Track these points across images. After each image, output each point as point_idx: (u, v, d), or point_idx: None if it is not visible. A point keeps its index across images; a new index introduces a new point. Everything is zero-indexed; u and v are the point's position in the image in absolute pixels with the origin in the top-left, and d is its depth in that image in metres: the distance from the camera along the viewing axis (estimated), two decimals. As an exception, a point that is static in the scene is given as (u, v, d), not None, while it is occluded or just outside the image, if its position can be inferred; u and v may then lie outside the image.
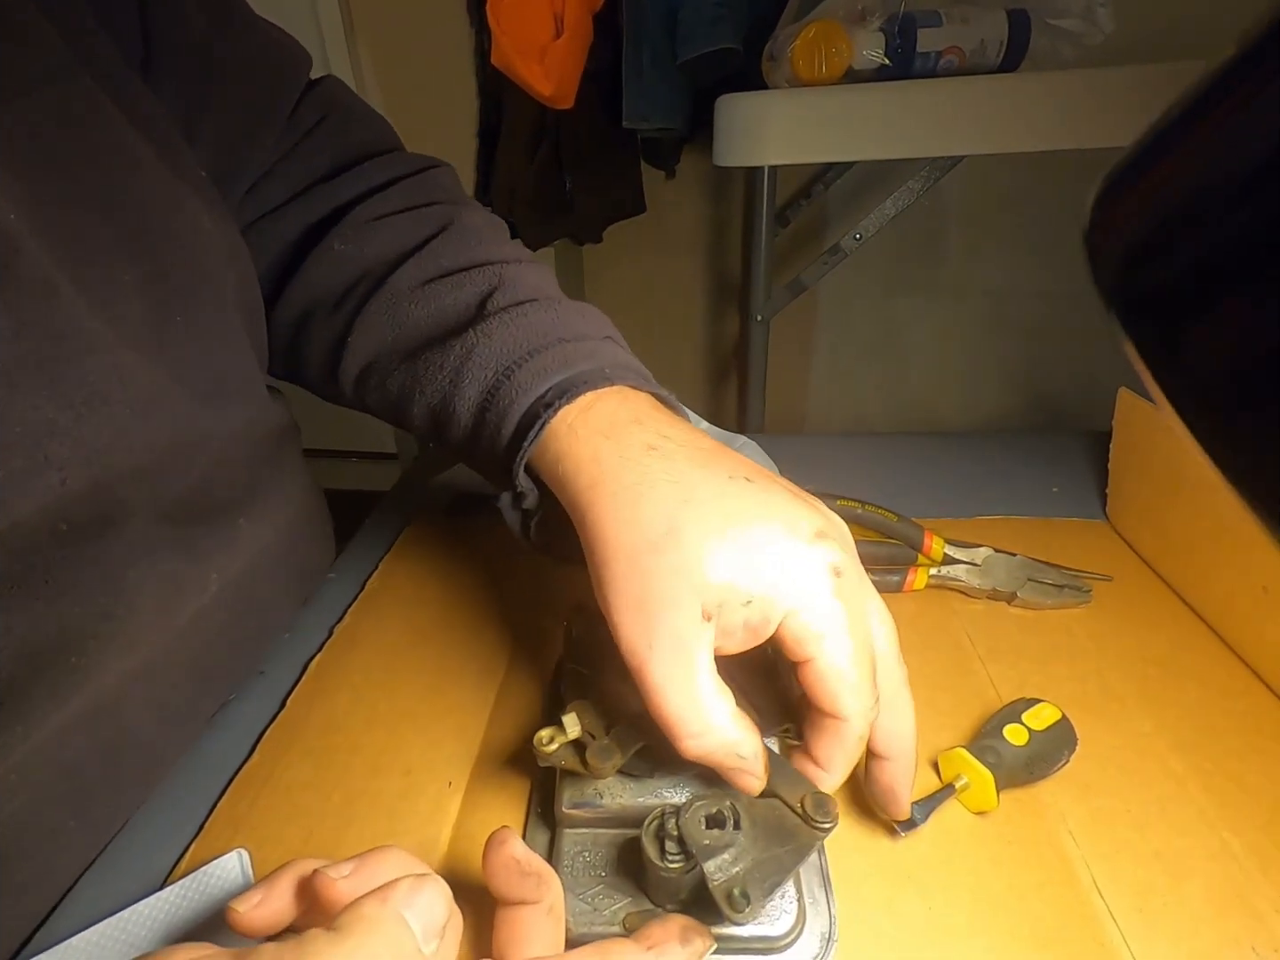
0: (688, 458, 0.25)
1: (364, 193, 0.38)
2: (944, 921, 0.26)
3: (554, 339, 0.30)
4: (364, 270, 0.36)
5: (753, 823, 0.23)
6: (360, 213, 0.37)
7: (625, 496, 0.24)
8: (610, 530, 0.24)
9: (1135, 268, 0.13)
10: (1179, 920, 0.26)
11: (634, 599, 0.23)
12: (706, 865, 0.22)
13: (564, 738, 0.25)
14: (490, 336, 0.30)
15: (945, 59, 0.87)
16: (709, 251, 1.69)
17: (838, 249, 1.00)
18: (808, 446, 0.60)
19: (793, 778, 0.25)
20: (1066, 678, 0.36)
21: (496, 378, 0.30)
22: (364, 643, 0.41)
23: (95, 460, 0.27)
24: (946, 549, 0.42)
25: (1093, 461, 0.52)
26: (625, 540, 0.24)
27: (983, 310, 1.61)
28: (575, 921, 0.25)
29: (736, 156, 0.96)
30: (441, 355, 0.31)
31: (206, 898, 0.27)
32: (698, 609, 0.23)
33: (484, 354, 0.30)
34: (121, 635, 0.29)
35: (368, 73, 1.59)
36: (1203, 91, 0.12)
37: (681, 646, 0.23)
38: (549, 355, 0.29)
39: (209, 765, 0.34)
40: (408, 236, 0.35)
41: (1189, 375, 0.13)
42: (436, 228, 0.36)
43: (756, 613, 0.23)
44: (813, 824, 0.23)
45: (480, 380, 0.30)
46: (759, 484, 0.25)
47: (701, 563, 0.23)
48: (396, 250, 0.35)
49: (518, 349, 0.30)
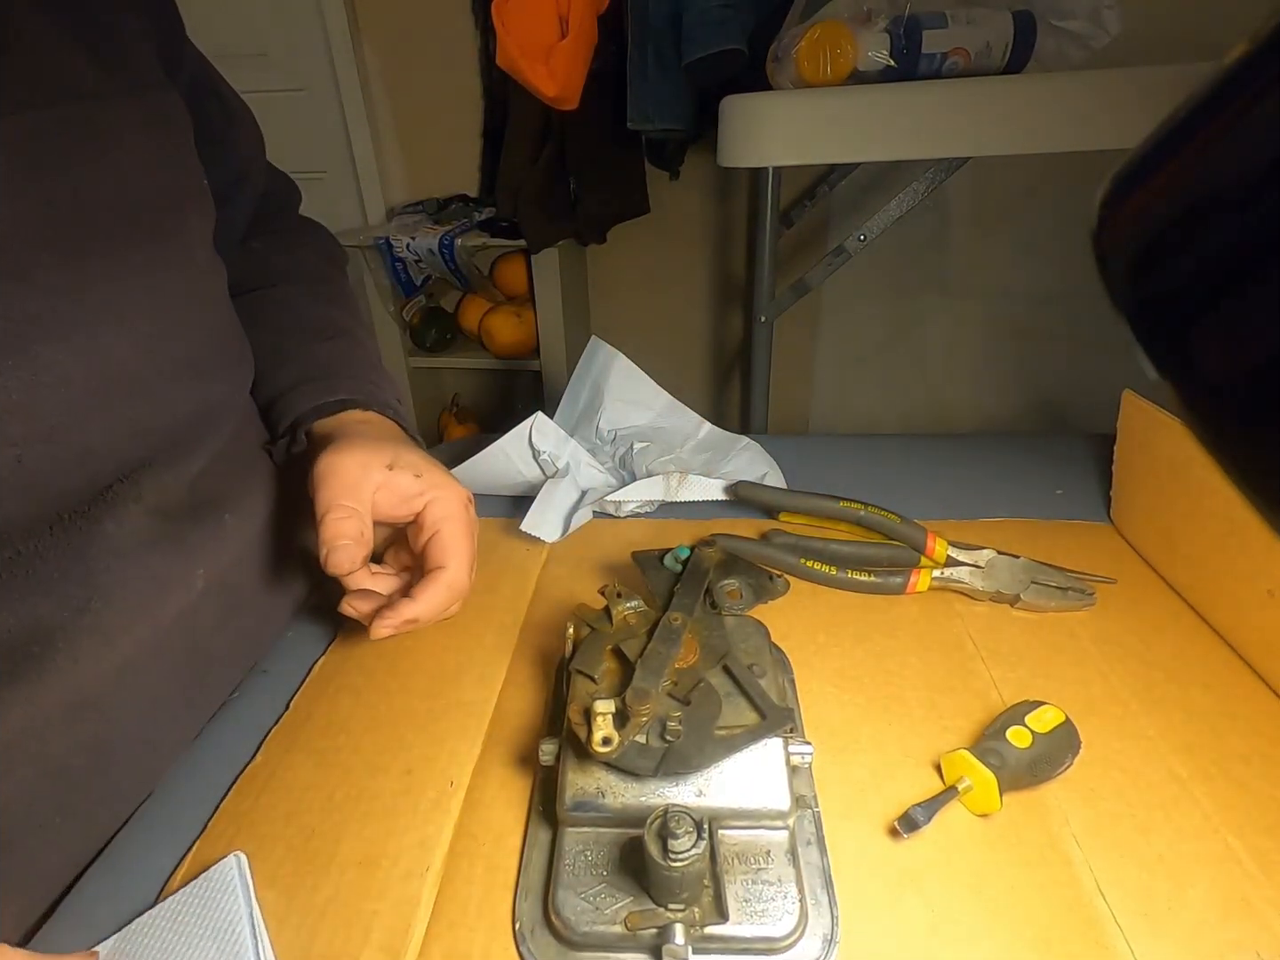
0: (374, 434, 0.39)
1: (279, 230, 0.50)
2: (946, 923, 0.26)
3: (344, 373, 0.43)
4: (261, 264, 0.46)
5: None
6: (277, 237, 0.49)
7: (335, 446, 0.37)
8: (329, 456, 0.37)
9: (1144, 269, 0.13)
10: (1182, 923, 0.26)
11: (341, 457, 0.36)
12: None
13: (609, 729, 0.26)
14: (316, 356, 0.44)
15: (950, 60, 0.87)
16: (713, 252, 1.69)
17: (842, 250, 1.00)
18: (811, 448, 0.60)
19: None
20: (1070, 680, 0.36)
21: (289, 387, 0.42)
22: (366, 644, 0.41)
23: (54, 438, 0.28)
24: (950, 551, 0.42)
25: (1097, 464, 0.52)
26: (344, 458, 0.36)
27: (986, 312, 1.61)
28: (577, 920, 0.25)
29: (741, 157, 0.96)
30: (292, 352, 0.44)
31: (206, 904, 0.27)
32: (385, 461, 0.36)
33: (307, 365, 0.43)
34: (98, 630, 0.30)
35: (373, 75, 1.59)
36: (1213, 89, 0.12)
37: (361, 469, 0.36)
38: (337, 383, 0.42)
39: (212, 764, 0.34)
40: (307, 271, 0.48)
41: (1199, 377, 0.13)
42: (329, 273, 0.50)
43: (414, 484, 0.36)
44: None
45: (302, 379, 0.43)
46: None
47: (383, 454, 0.37)
48: (295, 273, 0.47)
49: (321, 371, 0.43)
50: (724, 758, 0.27)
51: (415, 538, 0.37)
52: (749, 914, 0.25)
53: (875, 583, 0.42)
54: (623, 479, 0.53)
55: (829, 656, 0.37)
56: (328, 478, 0.35)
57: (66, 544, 0.29)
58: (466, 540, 0.36)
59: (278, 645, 0.41)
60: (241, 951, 0.25)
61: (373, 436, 0.38)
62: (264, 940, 0.26)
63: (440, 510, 0.36)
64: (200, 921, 0.27)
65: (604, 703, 0.27)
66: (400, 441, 0.40)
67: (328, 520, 0.34)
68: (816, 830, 0.29)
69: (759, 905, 0.25)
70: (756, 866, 0.26)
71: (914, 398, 1.73)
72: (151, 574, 0.32)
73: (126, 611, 0.31)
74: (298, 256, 0.50)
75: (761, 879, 0.26)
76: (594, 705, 0.27)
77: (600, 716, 0.27)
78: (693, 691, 0.28)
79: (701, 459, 0.55)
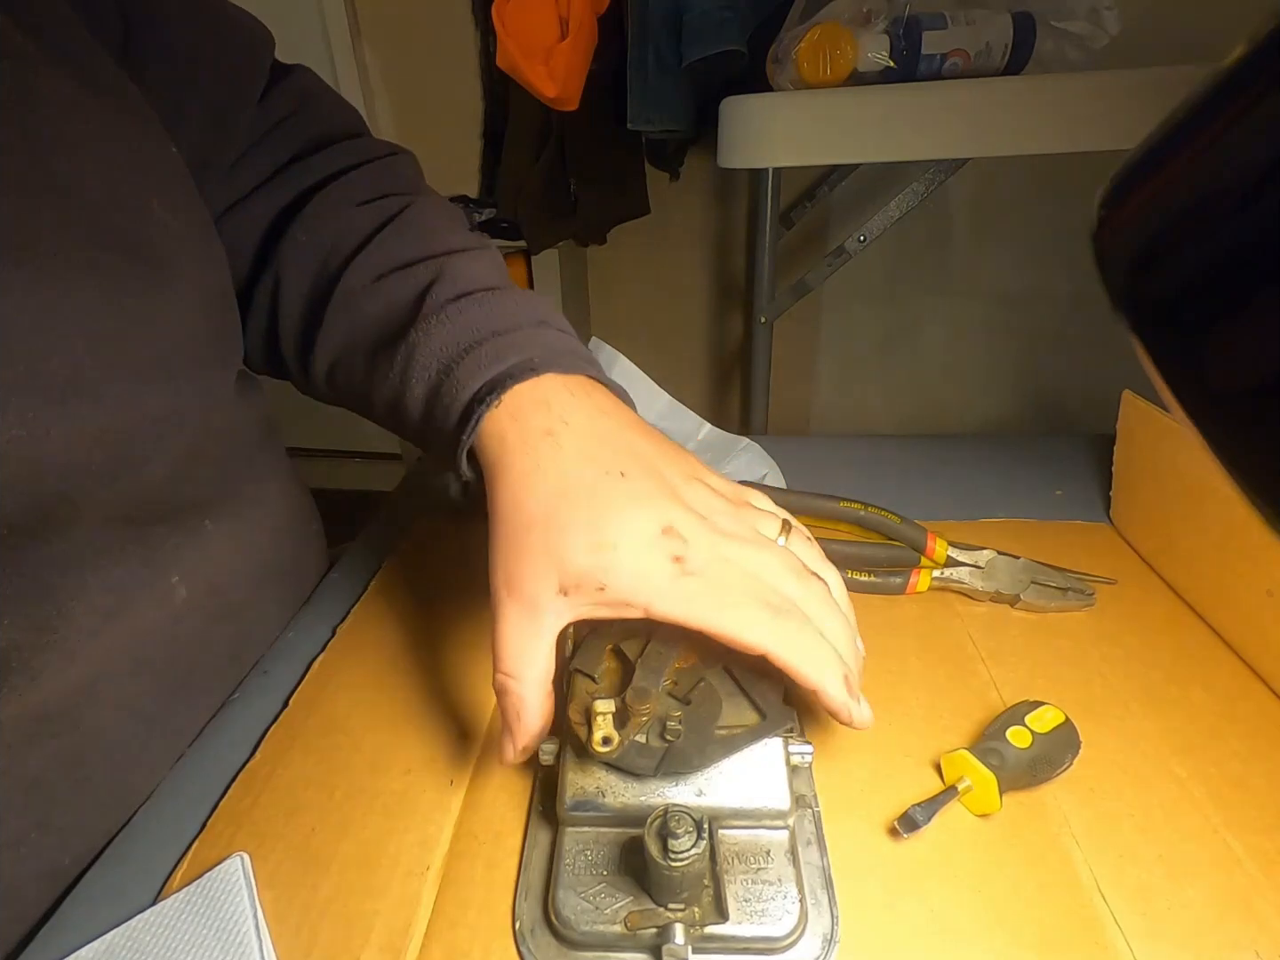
0: (576, 448, 0.29)
1: (326, 177, 0.39)
2: (946, 924, 0.26)
3: (487, 333, 0.32)
4: (322, 263, 0.37)
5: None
6: (321, 200, 0.38)
7: (518, 482, 0.29)
8: (503, 508, 0.29)
9: (1144, 269, 0.13)
10: (1182, 924, 0.26)
11: (510, 561, 0.28)
12: None
13: (609, 728, 0.26)
14: (430, 335, 0.32)
15: (950, 61, 0.87)
16: (713, 253, 1.69)
17: (842, 251, 1.00)
18: (811, 448, 0.60)
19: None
20: (1070, 681, 0.36)
21: (438, 376, 0.32)
22: (366, 643, 0.41)
23: (3, 454, 0.25)
24: (950, 551, 0.42)
25: (1096, 464, 0.52)
26: (512, 518, 0.28)
27: (986, 312, 1.61)
28: (577, 919, 0.25)
29: (741, 158, 0.96)
30: (390, 355, 0.34)
31: (211, 903, 0.27)
32: (555, 583, 0.27)
33: (425, 354, 0.32)
34: (58, 646, 0.29)
35: (374, 75, 1.59)
36: (1212, 90, 0.12)
37: (533, 605, 0.27)
38: (483, 351, 0.31)
39: (211, 764, 0.34)
40: (362, 228, 0.37)
41: (1199, 377, 0.13)
42: (387, 218, 0.37)
43: (612, 597, 0.27)
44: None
45: (425, 380, 0.33)
46: (631, 480, 0.28)
47: (564, 548, 0.27)
48: (351, 243, 0.37)
49: (454, 347, 0.32)
50: (724, 757, 0.27)
51: None
52: (749, 914, 0.25)
53: (875, 583, 0.42)
54: (623, 479, 0.53)
55: (829, 657, 0.37)
56: (494, 619, 0.28)
57: (18, 559, 0.27)
58: (733, 627, 0.27)
59: (277, 645, 0.41)
60: (246, 952, 0.25)
61: (547, 487, 0.28)
62: (267, 942, 0.26)
63: (661, 616, 0.27)
64: (203, 922, 0.27)
65: (604, 702, 0.27)
66: (552, 444, 0.29)
67: (500, 700, 0.28)
68: (816, 830, 0.29)
69: (759, 905, 0.25)
70: (756, 866, 0.26)
71: (914, 398, 1.73)
72: (115, 584, 0.31)
73: (88, 625, 0.30)
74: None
75: (761, 879, 0.26)
76: (594, 705, 0.27)
77: (600, 716, 0.27)
78: (693, 691, 0.28)
79: (702, 460, 0.55)
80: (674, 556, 0.27)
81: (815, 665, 0.26)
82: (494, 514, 0.29)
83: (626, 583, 0.27)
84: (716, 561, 0.27)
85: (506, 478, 0.29)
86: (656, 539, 0.27)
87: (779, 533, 0.31)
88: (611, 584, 0.27)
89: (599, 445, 0.29)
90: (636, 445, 0.30)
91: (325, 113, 0.43)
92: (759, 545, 0.29)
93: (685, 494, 0.29)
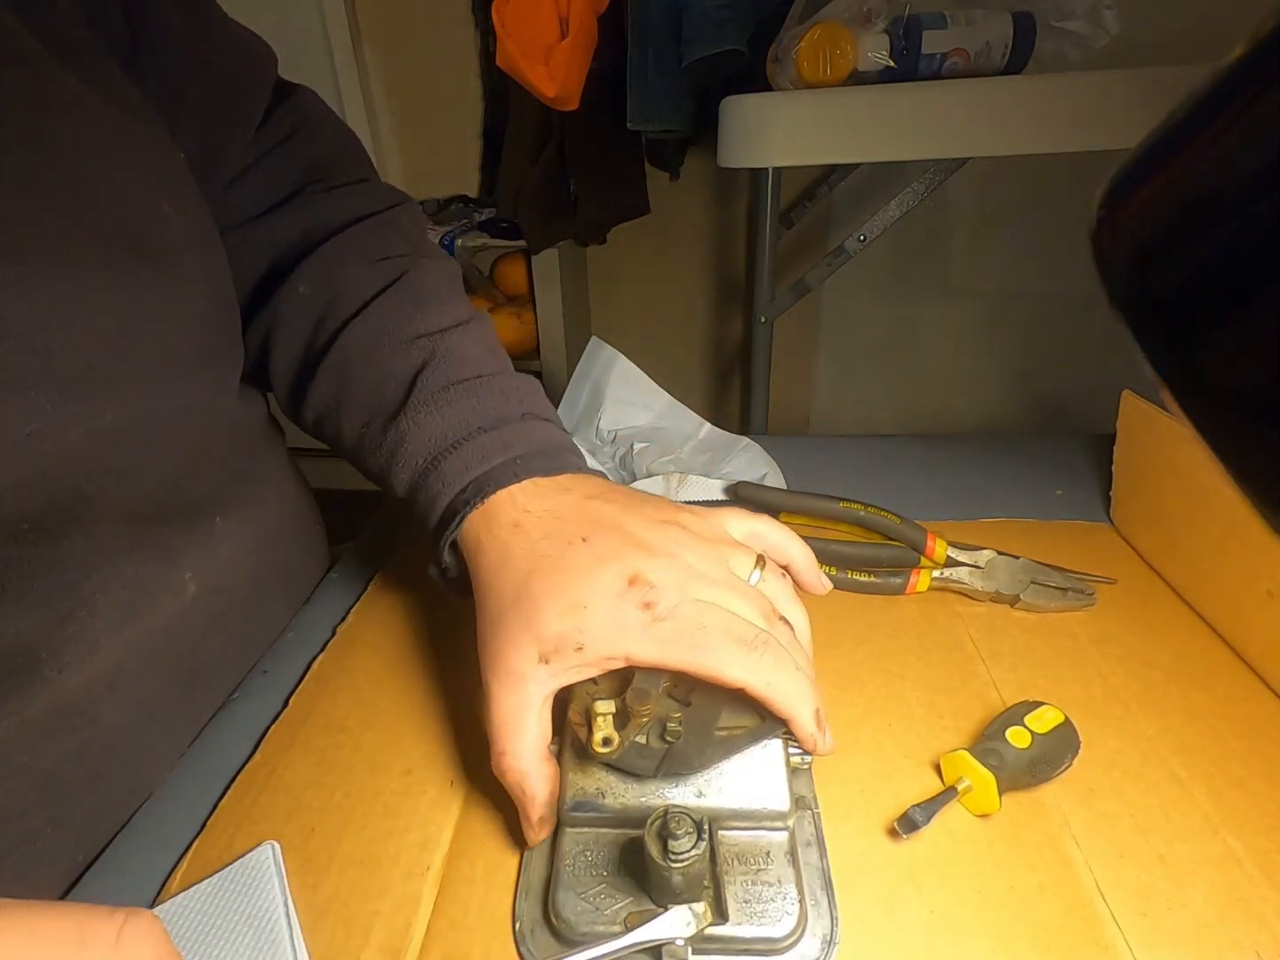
0: (541, 530, 0.31)
1: (333, 230, 0.40)
2: (945, 924, 0.26)
3: (474, 429, 0.34)
4: (319, 319, 0.39)
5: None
6: (324, 254, 0.40)
7: (493, 572, 0.31)
8: (482, 597, 0.31)
9: (1143, 268, 0.13)
10: (1182, 924, 0.26)
11: (493, 643, 0.30)
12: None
13: (609, 729, 0.26)
14: (420, 425, 0.34)
15: (950, 61, 0.87)
16: (713, 253, 1.69)
17: (842, 250, 1.00)
18: (810, 448, 0.60)
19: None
20: (1069, 680, 0.36)
21: (425, 467, 0.34)
22: (366, 642, 0.41)
23: (20, 444, 0.26)
24: (949, 551, 0.42)
25: (1096, 464, 0.52)
26: (491, 605, 0.30)
27: (987, 312, 1.61)
28: (577, 920, 0.25)
29: (741, 158, 0.96)
30: (380, 436, 0.36)
31: (241, 891, 0.27)
32: (535, 653, 0.28)
33: (414, 443, 0.34)
34: (82, 639, 0.29)
35: (373, 75, 1.59)
36: (1212, 89, 0.12)
37: (518, 678, 0.28)
38: (468, 449, 0.33)
39: (211, 763, 0.34)
40: (362, 291, 0.38)
41: (1199, 376, 0.13)
42: (388, 283, 0.38)
43: (591, 655, 0.28)
44: None
45: (411, 467, 0.35)
46: (593, 543, 0.30)
47: (538, 619, 0.28)
48: (350, 307, 0.38)
49: (442, 441, 0.34)
50: (724, 759, 0.27)
51: None
52: (749, 915, 0.25)
53: (875, 583, 0.42)
54: (623, 479, 0.53)
55: (829, 657, 0.37)
56: (485, 704, 0.29)
57: (41, 554, 0.28)
58: (707, 663, 0.28)
59: (277, 645, 0.41)
60: (278, 939, 0.26)
61: (517, 570, 0.30)
62: (297, 931, 0.26)
63: (642, 664, 0.28)
64: (234, 909, 0.27)
65: (604, 703, 0.27)
66: (519, 533, 0.31)
67: (503, 782, 0.29)
68: (816, 831, 0.29)
69: (759, 906, 0.25)
70: (756, 867, 0.26)
71: (914, 398, 1.73)
72: (134, 580, 0.31)
73: (111, 618, 0.30)
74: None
75: (761, 880, 0.26)
76: (594, 706, 0.27)
77: (600, 717, 0.27)
78: (693, 692, 0.28)
79: (702, 460, 0.55)
80: (643, 603, 0.28)
81: (791, 698, 0.27)
82: (477, 604, 0.32)
83: (602, 638, 0.28)
84: (687, 603, 0.28)
85: (484, 571, 0.31)
86: (624, 591, 0.28)
87: (753, 568, 0.31)
88: (588, 641, 0.28)
89: (559, 521, 0.31)
90: (596, 511, 0.31)
91: (327, 137, 0.44)
92: (727, 586, 0.29)
93: (652, 540, 0.30)
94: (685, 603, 0.28)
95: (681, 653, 0.27)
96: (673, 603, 0.28)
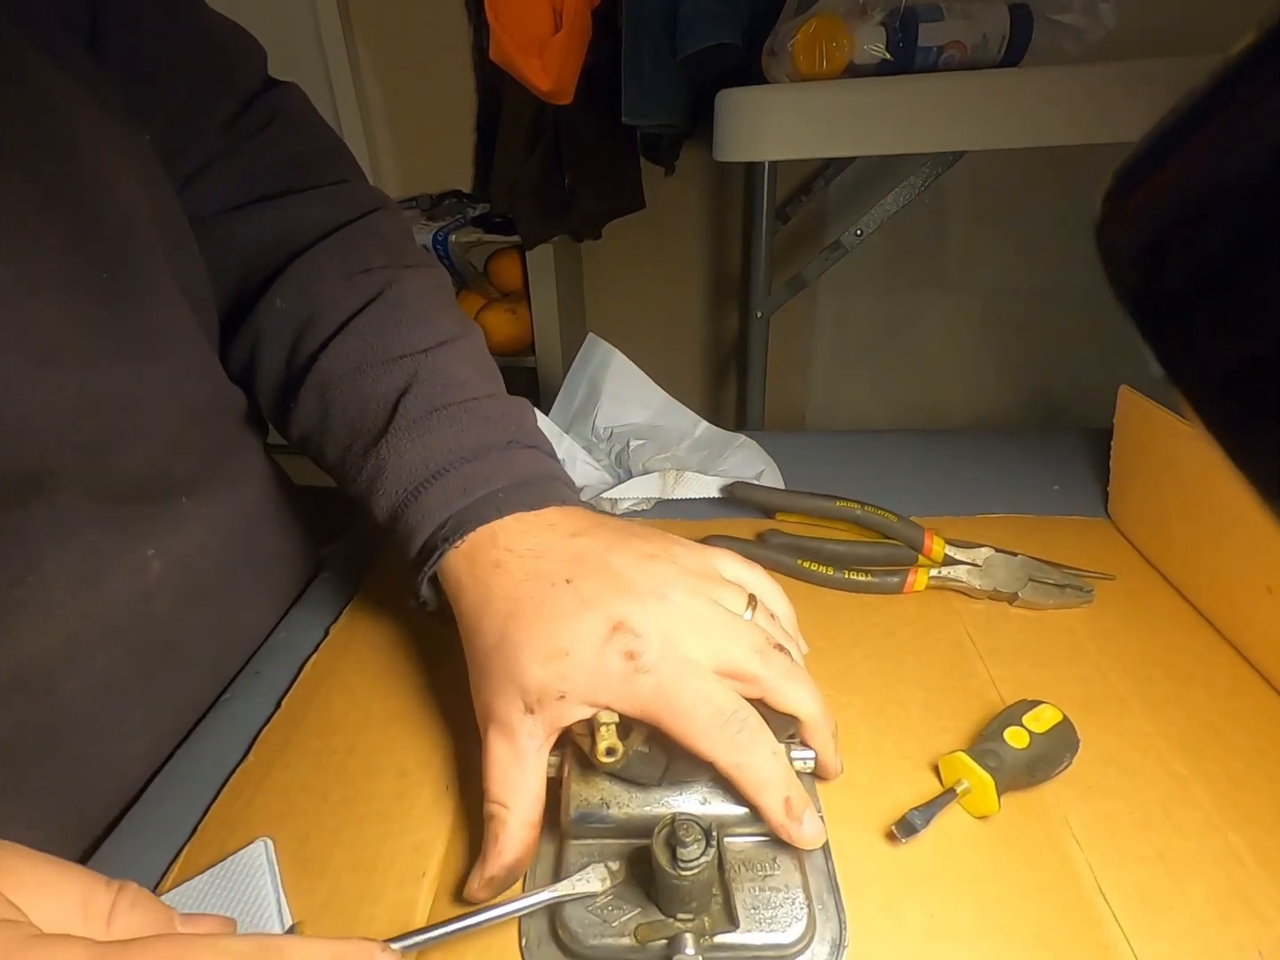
0: (522, 570, 0.30)
1: (309, 239, 0.39)
2: (947, 926, 0.26)
3: (455, 459, 0.33)
4: (298, 337, 0.38)
5: None
6: (301, 267, 0.39)
7: (474, 613, 0.30)
8: (465, 639, 0.31)
9: (1149, 262, 0.13)
10: (1183, 922, 0.26)
11: (481, 690, 0.30)
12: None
13: (613, 738, 0.26)
14: (400, 454, 0.33)
15: (947, 54, 0.87)
16: (709, 248, 1.69)
17: (838, 245, 1.00)
18: (807, 445, 0.60)
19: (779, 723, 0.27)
20: (1068, 678, 0.36)
21: (405, 497, 0.33)
22: (360, 643, 0.40)
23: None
24: (947, 549, 0.42)
25: (1094, 459, 0.52)
26: (475, 645, 0.30)
27: (984, 307, 1.61)
28: (585, 933, 0.25)
29: (736, 152, 0.96)
30: (360, 461, 0.35)
31: (233, 887, 0.27)
32: (520, 703, 0.28)
33: (394, 471, 0.34)
34: (33, 602, 0.29)
35: (366, 68, 1.58)
36: (1219, 80, 0.12)
37: (508, 729, 0.28)
38: (449, 480, 0.32)
39: (204, 766, 0.34)
40: (341, 308, 0.37)
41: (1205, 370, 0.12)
42: (368, 299, 0.37)
43: (574, 702, 0.27)
44: None
45: (391, 495, 0.34)
46: (576, 584, 0.29)
47: (520, 667, 0.28)
48: (329, 325, 0.37)
49: (423, 470, 0.33)
50: None
51: None
52: (758, 921, 0.25)
53: (872, 582, 0.41)
54: (619, 477, 0.53)
55: (827, 659, 0.37)
56: (483, 749, 0.28)
57: (11, 518, 0.28)
58: (697, 720, 0.27)
59: (269, 645, 0.41)
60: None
61: (498, 612, 0.29)
62: (290, 927, 0.26)
63: (625, 714, 0.28)
64: (226, 905, 0.27)
65: (607, 713, 0.27)
66: (501, 573, 0.30)
67: (485, 825, 0.27)
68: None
69: (767, 912, 0.25)
70: (764, 873, 0.26)
71: (910, 393, 1.73)
72: (91, 550, 0.31)
73: (66, 585, 0.30)
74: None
75: (769, 885, 0.26)
76: (597, 715, 0.27)
77: (604, 726, 0.26)
78: None
79: (698, 457, 0.55)
80: (627, 653, 0.27)
81: (757, 785, 0.26)
82: (463, 642, 0.31)
83: (585, 687, 0.27)
84: (670, 659, 0.27)
85: (466, 613, 0.31)
86: (608, 638, 0.27)
87: (745, 607, 0.30)
88: (570, 690, 0.27)
89: (541, 561, 0.30)
90: (581, 550, 0.30)
91: (306, 133, 0.43)
92: (718, 628, 0.28)
93: (639, 581, 0.29)
94: (669, 659, 0.27)
95: (658, 712, 0.26)
96: (657, 655, 0.27)
